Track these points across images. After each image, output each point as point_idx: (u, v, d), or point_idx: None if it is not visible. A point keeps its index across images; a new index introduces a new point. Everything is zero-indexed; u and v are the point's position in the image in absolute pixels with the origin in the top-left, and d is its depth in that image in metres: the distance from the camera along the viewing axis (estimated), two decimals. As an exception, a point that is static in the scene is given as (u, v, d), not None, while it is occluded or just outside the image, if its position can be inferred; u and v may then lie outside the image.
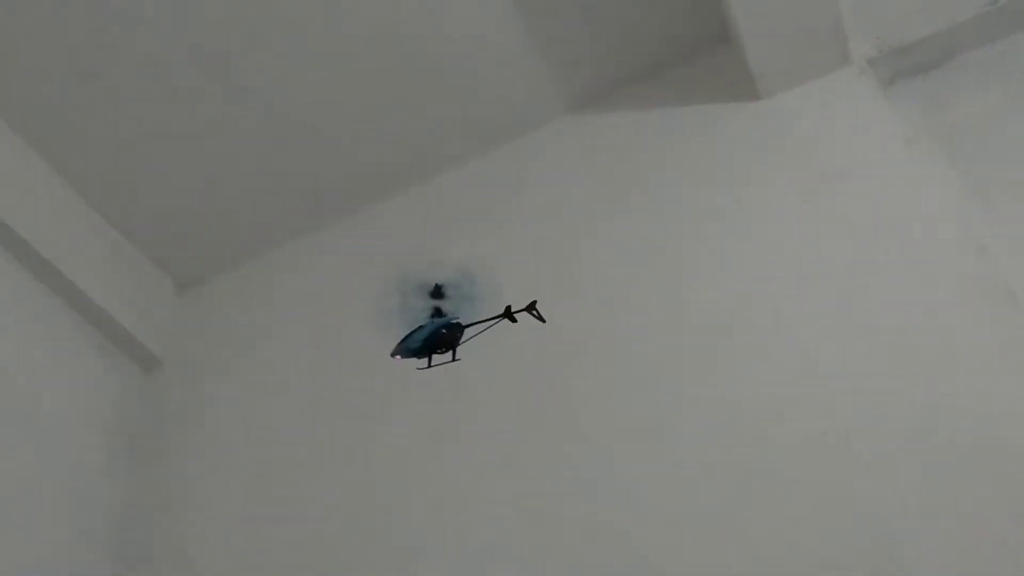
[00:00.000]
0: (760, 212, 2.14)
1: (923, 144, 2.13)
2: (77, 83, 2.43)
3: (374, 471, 2.21)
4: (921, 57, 2.28)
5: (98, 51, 2.38)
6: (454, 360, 2.11)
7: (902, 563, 1.62)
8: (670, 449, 1.92)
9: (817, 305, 1.95)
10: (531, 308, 2.11)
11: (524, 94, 2.58)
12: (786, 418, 1.84)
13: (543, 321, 2.09)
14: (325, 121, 2.58)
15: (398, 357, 2.14)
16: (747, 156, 2.25)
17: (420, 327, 2.15)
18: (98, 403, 2.55)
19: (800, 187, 2.12)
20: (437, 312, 2.19)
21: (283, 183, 2.70)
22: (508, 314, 2.10)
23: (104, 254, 2.68)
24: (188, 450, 2.52)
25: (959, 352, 1.78)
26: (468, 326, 2.13)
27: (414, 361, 2.16)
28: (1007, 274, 1.82)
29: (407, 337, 2.14)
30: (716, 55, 2.46)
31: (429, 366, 2.12)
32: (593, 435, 2.02)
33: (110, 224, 2.73)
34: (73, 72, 2.41)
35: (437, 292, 2.24)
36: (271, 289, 2.76)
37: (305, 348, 2.56)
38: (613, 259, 2.26)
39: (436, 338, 2.12)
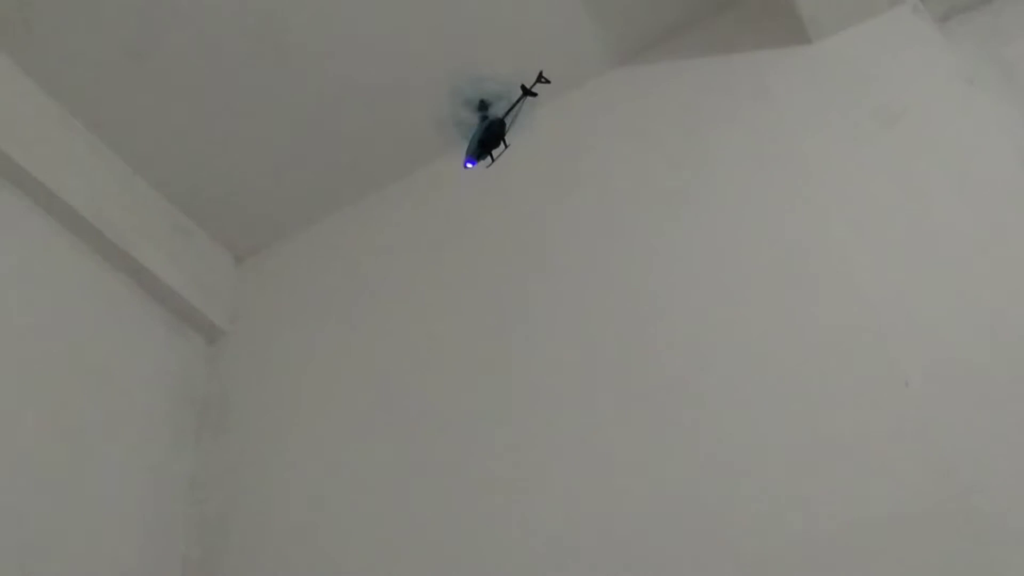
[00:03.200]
0: (817, 156, 2.11)
1: (981, 80, 2.08)
2: (129, 63, 2.46)
3: (441, 433, 2.23)
4: (975, -9, 2.23)
5: (147, 30, 2.41)
6: (505, 147, 2.42)
7: (970, 507, 1.59)
8: (728, 399, 1.92)
9: (878, 249, 1.92)
10: (539, 78, 2.37)
11: (568, 51, 2.56)
12: (847, 364, 1.83)
13: (548, 82, 2.36)
14: (375, 84, 2.58)
15: (468, 166, 2.45)
16: (801, 102, 2.22)
17: (472, 135, 2.45)
18: (166, 374, 2.61)
19: (857, 130, 2.09)
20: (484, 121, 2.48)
21: (336, 149, 2.71)
22: (526, 92, 2.38)
23: (163, 230, 2.74)
24: (255, 417, 2.58)
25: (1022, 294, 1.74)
26: (504, 116, 2.42)
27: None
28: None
29: (467, 148, 2.45)
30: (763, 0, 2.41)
31: (492, 161, 2.42)
32: (657, 389, 2.02)
33: (168, 200, 2.79)
34: (124, 52, 2.45)
35: (482, 106, 2.48)
36: (328, 255, 2.79)
37: (364, 311, 2.59)
38: (669, 211, 2.25)
39: (486, 136, 2.42)
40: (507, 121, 2.40)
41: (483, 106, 2.46)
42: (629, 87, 2.54)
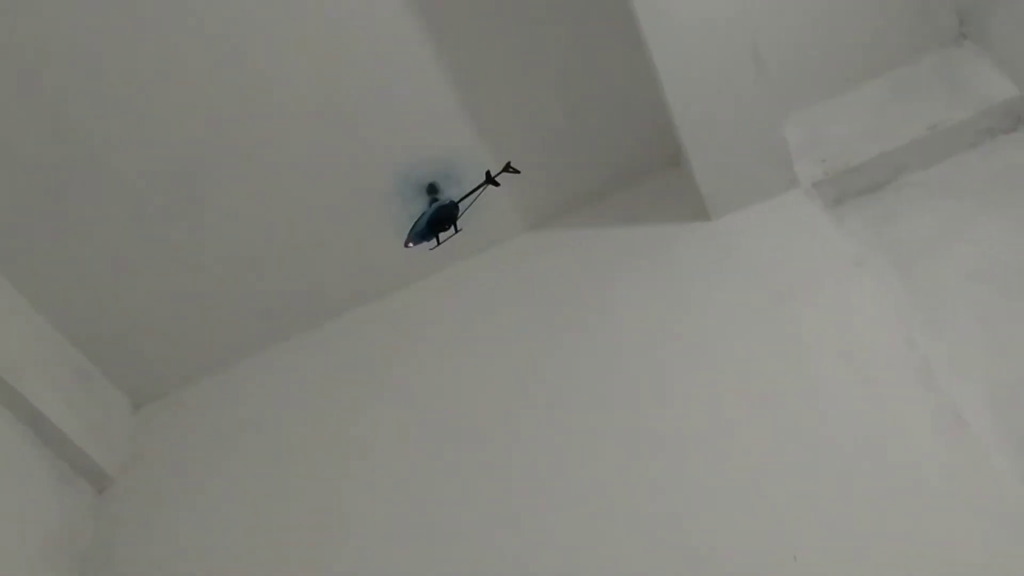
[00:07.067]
0: (711, 332, 2.17)
1: (870, 263, 2.17)
2: (40, 203, 2.46)
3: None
4: (866, 179, 2.36)
5: (62, 171, 2.41)
6: (456, 232, 2.44)
7: None
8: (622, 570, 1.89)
9: (767, 426, 1.95)
10: (507, 167, 2.41)
11: (483, 213, 2.62)
12: (734, 539, 1.83)
13: (518, 172, 2.41)
14: (285, 240, 2.62)
15: (411, 244, 2.47)
16: (698, 276, 2.29)
17: (422, 214, 2.45)
18: (48, 523, 2.49)
19: (750, 307, 2.15)
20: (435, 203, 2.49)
21: (240, 301, 2.73)
22: (489, 179, 2.41)
23: (59, 371, 2.67)
24: (138, 573, 2.45)
25: (905, 473, 1.77)
26: (460, 201, 2.44)
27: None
28: (953, 395, 1.83)
29: (413, 225, 2.45)
30: (669, 177, 2.54)
31: (439, 243, 2.46)
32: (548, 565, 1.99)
33: (67, 340, 2.73)
34: (36, 191, 2.44)
35: (432, 189, 2.48)
36: (227, 406, 2.76)
37: (261, 465, 2.53)
38: (567, 377, 2.27)
39: (437, 218, 2.44)
40: (461, 206, 2.42)
41: (432, 189, 2.47)
42: (537, 251, 2.63)
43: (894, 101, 2.43)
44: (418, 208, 2.48)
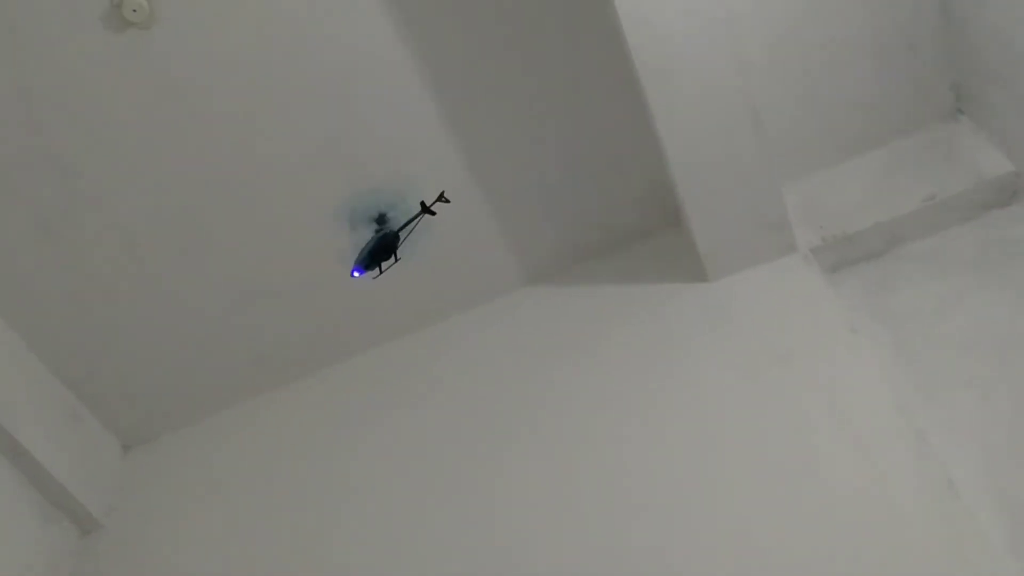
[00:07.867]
0: (706, 391, 2.18)
1: (865, 330, 2.19)
2: (36, 240, 2.47)
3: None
4: (864, 247, 2.39)
5: (58, 210, 2.43)
6: (396, 261, 2.48)
7: None
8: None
9: (759, 489, 1.95)
10: (440, 197, 2.46)
11: (487, 266, 2.68)
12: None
13: (448, 202, 2.46)
14: (280, 285, 2.64)
15: (355, 274, 2.49)
16: (694, 336, 2.31)
17: (365, 245, 2.49)
18: (29, 564, 2.45)
19: (745, 369, 2.17)
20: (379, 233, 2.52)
21: (235, 345, 2.73)
22: (425, 209, 2.46)
23: (49, 410, 2.65)
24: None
25: (897, 537, 1.77)
26: (400, 230, 2.48)
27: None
28: (945, 460, 1.84)
29: (356, 258, 2.48)
30: (669, 237, 2.58)
31: (380, 272, 2.50)
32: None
33: (58, 380, 2.72)
34: (32, 229, 2.45)
35: (381, 219, 2.50)
36: (217, 451, 2.74)
37: (249, 512, 2.51)
38: (560, 432, 2.28)
39: (377, 248, 2.48)
40: (401, 235, 2.46)
41: (381, 219, 2.50)
42: (536, 305, 2.65)
43: (892, 173, 2.47)
44: (366, 235, 2.52)
